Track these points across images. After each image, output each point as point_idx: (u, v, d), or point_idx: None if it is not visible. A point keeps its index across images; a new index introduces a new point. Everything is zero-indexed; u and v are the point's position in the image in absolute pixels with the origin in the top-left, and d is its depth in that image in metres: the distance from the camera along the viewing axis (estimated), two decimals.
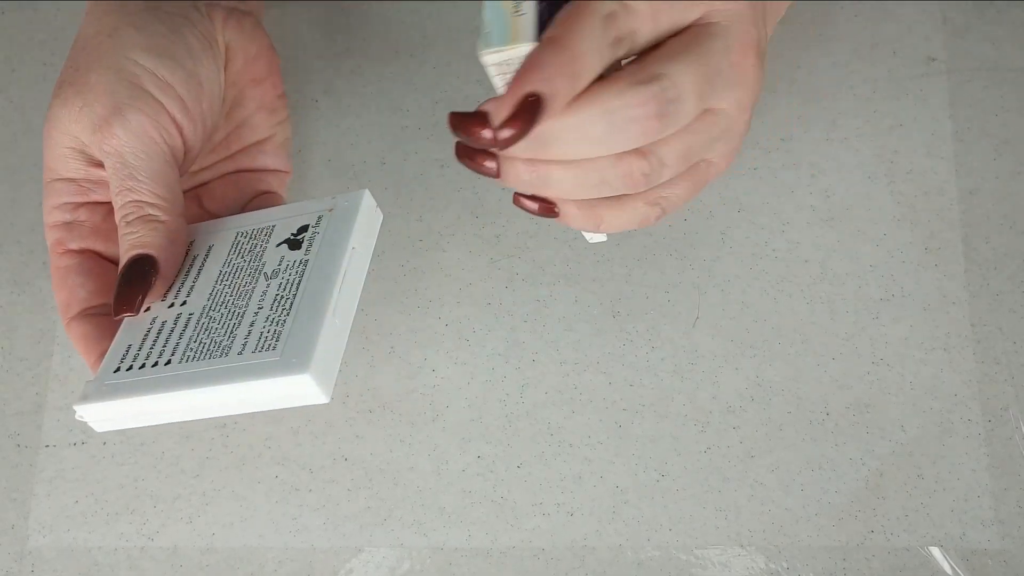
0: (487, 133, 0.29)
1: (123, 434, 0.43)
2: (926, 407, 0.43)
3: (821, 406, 0.43)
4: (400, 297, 0.45)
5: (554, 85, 0.28)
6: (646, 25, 0.30)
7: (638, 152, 0.31)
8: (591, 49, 0.29)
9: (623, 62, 0.31)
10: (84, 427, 0.43)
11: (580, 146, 0.30)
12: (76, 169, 0.37)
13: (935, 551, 0.41)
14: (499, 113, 0.29)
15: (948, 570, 0.41)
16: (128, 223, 0.36)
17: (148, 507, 0.42)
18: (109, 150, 0.36)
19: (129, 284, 0.35)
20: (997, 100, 0.47)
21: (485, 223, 0.46)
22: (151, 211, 0.36)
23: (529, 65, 0.28)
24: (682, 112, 0.30)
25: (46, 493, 0.42)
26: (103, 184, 0.38)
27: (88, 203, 0.38)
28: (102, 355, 0.36)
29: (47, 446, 0.43)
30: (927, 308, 0.44)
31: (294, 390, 0.31)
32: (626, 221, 0.34)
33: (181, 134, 0.37)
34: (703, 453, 0.43)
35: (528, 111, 0.28)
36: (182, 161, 0.38)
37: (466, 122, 0.29)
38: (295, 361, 0.31)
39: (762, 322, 0.44)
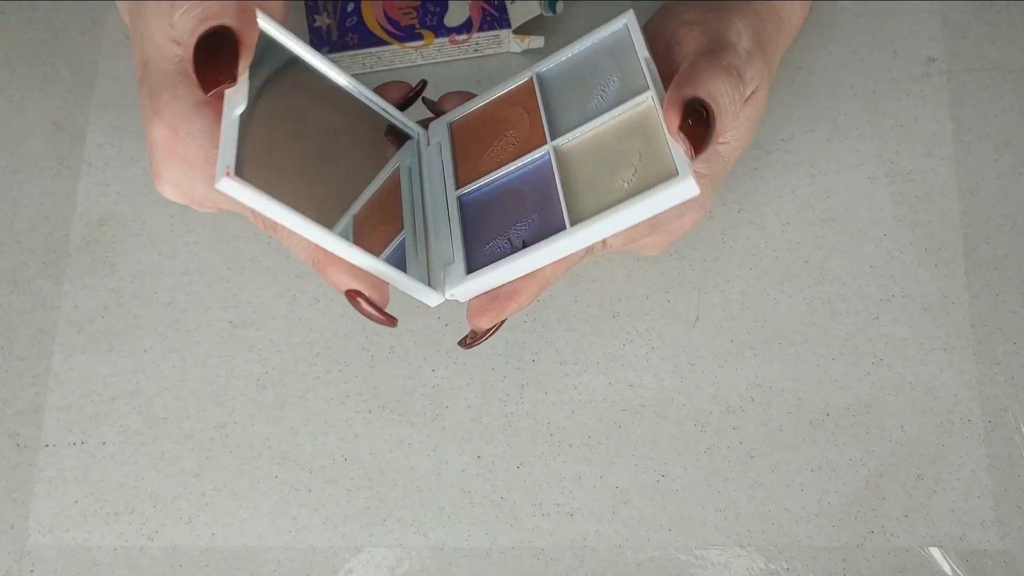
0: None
1: (123, 434, 0.43)
2: (926, 407, 0.43)
3: (821, 406, 0.43)
4: (400, 297, 0.45)
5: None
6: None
7: None
8: None
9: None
10: (84, 427, 0.43)
11: None
12: None
13: (935, 552, 0.41)
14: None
15: (948, 570, 0.41)
16: None
17: (148, 507, 0.42)
18: None
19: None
20: (997, 100, 0.47)
21: None
22: None
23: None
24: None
25: (46, 493, 0.42)
26: None
27: None
28: None
29: (47, 446, 0.43)
30: (927, 308, 0.44)
31: None
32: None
33: None
34: (703, 453, 0.42)
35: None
36: None
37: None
38: None
39: (762, 322, 0.44)
